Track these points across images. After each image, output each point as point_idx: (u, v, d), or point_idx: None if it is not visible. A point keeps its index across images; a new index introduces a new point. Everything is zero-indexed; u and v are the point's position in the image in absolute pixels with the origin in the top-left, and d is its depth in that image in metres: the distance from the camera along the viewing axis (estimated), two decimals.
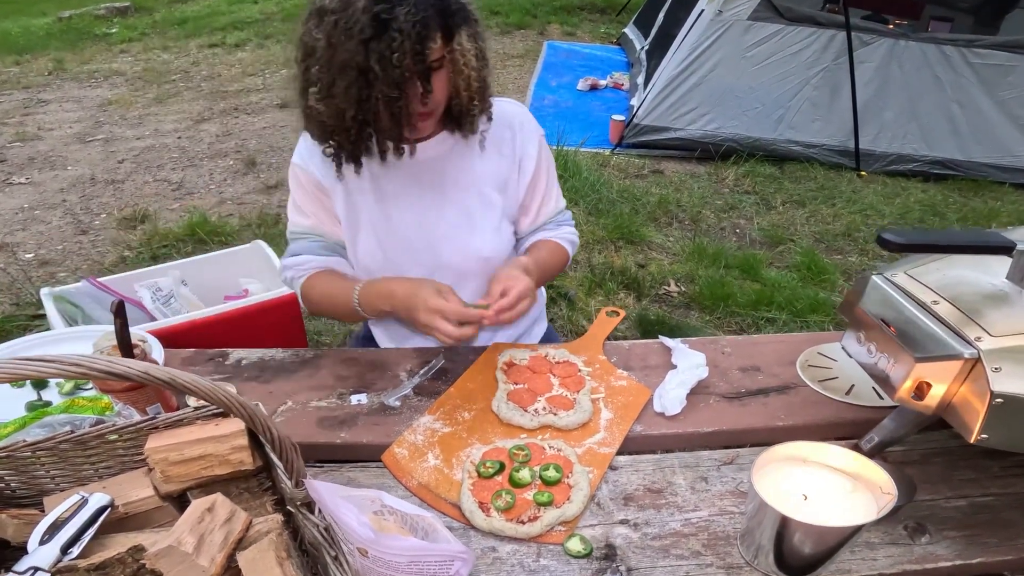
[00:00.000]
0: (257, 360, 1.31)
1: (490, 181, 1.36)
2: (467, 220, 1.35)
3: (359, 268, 1.39)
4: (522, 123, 1.38)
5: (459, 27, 1.15)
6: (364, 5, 1.07)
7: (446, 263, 1.36)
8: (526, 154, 1.38)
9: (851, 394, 1.23)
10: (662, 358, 1.34)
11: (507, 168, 1.37)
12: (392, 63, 1.09)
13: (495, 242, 1.38)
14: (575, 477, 1.05)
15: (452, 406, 1.20)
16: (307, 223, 1.36)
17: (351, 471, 1.08)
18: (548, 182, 1.44)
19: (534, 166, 1.39)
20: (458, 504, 1.02)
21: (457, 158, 1.34)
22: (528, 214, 1.44)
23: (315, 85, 1.15)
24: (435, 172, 1.33)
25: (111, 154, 4.64)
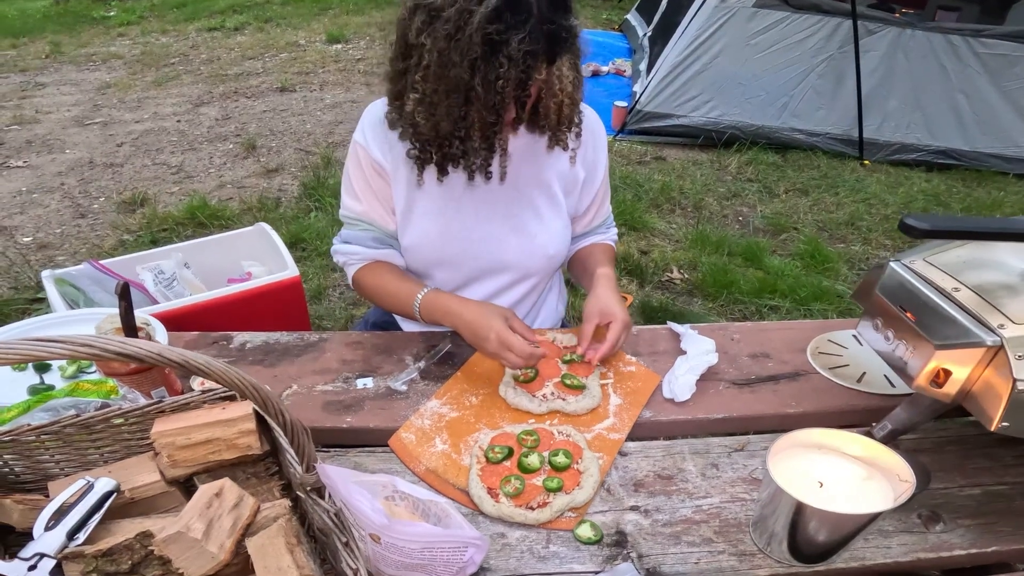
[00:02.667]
0: (261, 343, 1.29)
1: (559, 181, 1.35)
2: (535, 217, 1.34)
3: (407, 250, 1.33)
4: (598, 132, 1.39)
5: (563, 55, 1.12)
6: (479, 23, 1.02)
7: (509, 259, 1.34)
8: (599, 161, 1.39)
9: (862, 381, 1.22)
10: (671, 344, 1.33)
11: (578, 172, 1.36)
12: (496, 89, 1.07)
13: (560, 241, 1.37)
14: (585, 463, 1.04)
15: (459, 390, 1.19)
16: (359, 208, 1.32)
17: (358, 456, 1.07)
18: (606, 187, 1.45)
19: (603, 174, 1.41)
20: (466, 490, 1.00)
21: (531, 155, 1.31)
22: (587, 216, 1.45)
23: (416, 91, 1.12)
24: (509, 166, 1.28)
25: (109, 137, 4.60)
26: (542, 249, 1.35)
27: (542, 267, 1.38)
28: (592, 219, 1.46)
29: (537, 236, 1.34)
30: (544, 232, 1.34)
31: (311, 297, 2.82)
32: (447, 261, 1.33)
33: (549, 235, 1.35)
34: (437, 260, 1.33)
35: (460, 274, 1.35)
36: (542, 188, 1.34)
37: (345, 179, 1.32)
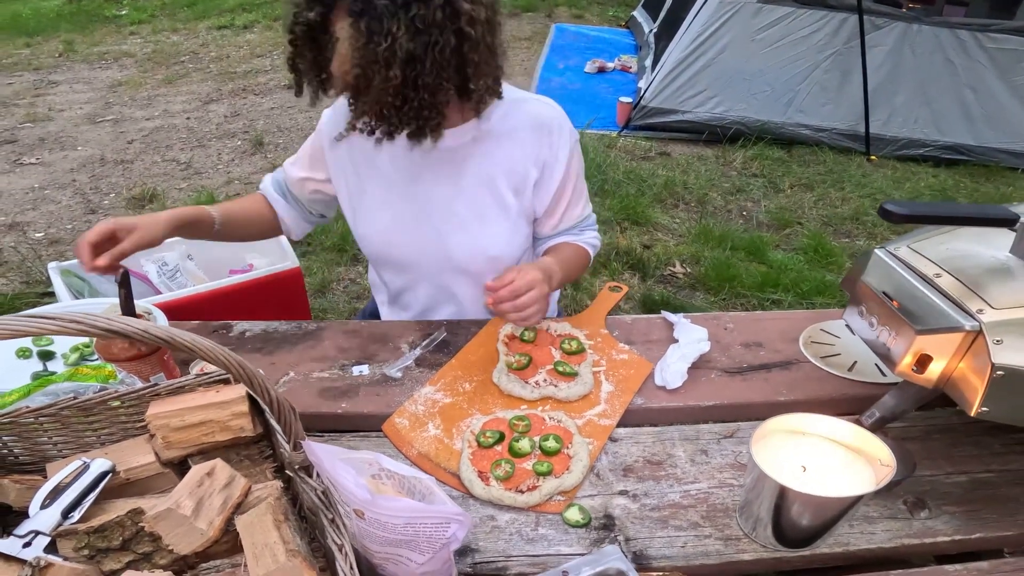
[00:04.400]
0: (260, 332, 1.31)
1: (506, 179, 1.31)
2: (478, 216, 1.32)
3: (361, 239, 1.39)
4: (558, 127, 1.31)
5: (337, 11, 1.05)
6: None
7: (453, 257, 1.35)
8: (556, 159, 1.31)
9: (853, 370, 1.23)
10: (664, 333, 1.34)
11: (528, 169, 1.31)
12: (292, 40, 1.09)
13: (505, 241, 1.34)
14: (575, 448, 1.05)
15: (453, 377, 1.21)
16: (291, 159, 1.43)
17: (352, 440, 1.09)
18: (577, 188, 1.39)
19: (563, 173, 1.33)
20: (457, 473, 1.02)
21: (477, 151, 1.29)
22: (552, 217, 1.40)
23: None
24: (453, 163, 1.29)
25: (120, 135, 4.65)
26: (483, 250, 1.33)
27: (485, 268, 1.35)
28: (559, 221, 1.41)
29: (479, 237, 1.33)
30: (486, 232, 1.33)
31: (315, 291, 2.85)
32: (395, 255, 1.37)
33: (491, 236, 1.33)
34: (386, 252, 1.38)
35: (410, 270, 1.39)
36: (487, 186, 1.31)
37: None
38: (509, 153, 1.29)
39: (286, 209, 1.44)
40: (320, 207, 1.47)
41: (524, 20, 7.60)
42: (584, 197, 1.43)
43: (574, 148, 1.34)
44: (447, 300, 1.44)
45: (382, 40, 1.00)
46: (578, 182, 1.39)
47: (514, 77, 6.05)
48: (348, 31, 1.01)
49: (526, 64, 6.25)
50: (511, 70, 5.44)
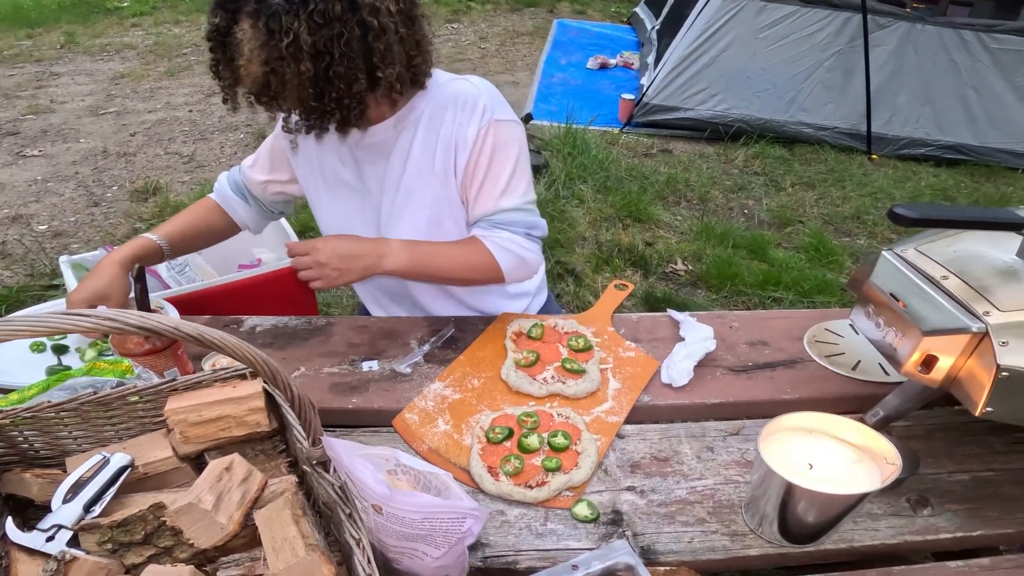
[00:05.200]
0: (271, 327, 1.32)
1: (431, 164, 1.28)
2: (412, 204, 1.31)
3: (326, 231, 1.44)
4: (472, 104, 1.24)
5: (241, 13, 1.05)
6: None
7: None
8: (463, 137, 1.24)
9: (857, 369, 1.24)
10: (670, 331, 1.36)
11: (448, 150, 1.26)
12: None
13: (440, 228, 1.32)
14: (583, 444, 1.07)
15: (462, 373, 1.22)
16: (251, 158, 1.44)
17: (362, 435, 1.10)
18: (488, 174, 1.27)
19: (468, 152, 1.25)
20: (467, 468, 1.04)
21: (404, 139, 1.28)
22: (466, 205, 1.33)
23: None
24: (384, 154, 1.29)
25: (123, 127, 4.65)
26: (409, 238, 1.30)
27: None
28: (473, 206, 1.31)
29: (416, 225, 1.32)
30: (420, 221, 1.31)
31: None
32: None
33: (426, 224, 1.32)
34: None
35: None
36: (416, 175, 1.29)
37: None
38: (431, 137, 1.26)
39: (246, 210, 1.46)
40: (280, 206, 1.50)
41: (526, 15, 7.59)
42: (501, 188, 1.28)
43: (490, 130, 1.24)
44: (404, 295, 1.45)
45: (283, 37, 1.03)
46: (491, 168, 1.26)
47: (516, 73, 6.04)
48: (249, 32, 1.04)
49: (528, 60, 6.25)
50: (512, 66, 5.42)
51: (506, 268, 1.30)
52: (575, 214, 3.41)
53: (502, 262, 1.29)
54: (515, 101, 5.10)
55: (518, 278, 1.36)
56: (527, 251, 1.32)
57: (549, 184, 3.57)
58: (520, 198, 1.30)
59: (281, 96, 1.11)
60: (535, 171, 3.55)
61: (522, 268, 1.33)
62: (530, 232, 1.33)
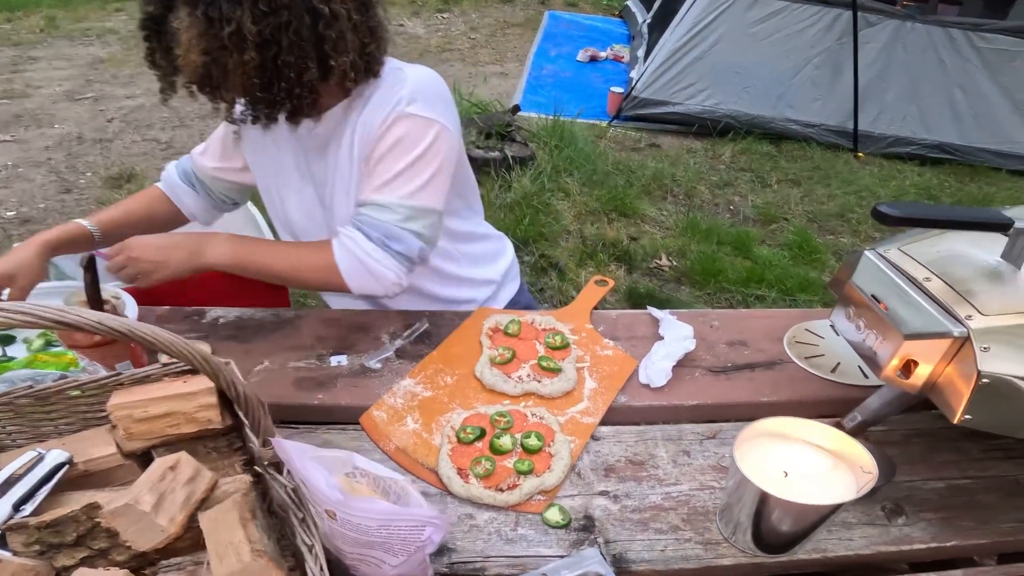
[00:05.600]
0: (235, 319, 1.28)
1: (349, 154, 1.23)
2: (333, 198, 1.28)
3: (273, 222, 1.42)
4: (389, 89, 1.17)
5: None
6: None
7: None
8: (370, 124, 1.17)
9: (837, 372, 1.22)
10: (649, 329, 1.33)
11: (355, 137, 1.21)
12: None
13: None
14: (556, 446, 1.04)
15: (434, 370, 1.18)
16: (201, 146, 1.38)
17: (327, 433, 1.06)
18: (380, 164, 1.17)
19: (369, 140, 1.18)
20: (436, 469, 1.00)
21: (348, 128, 1.21)
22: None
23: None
24: (329, 143, 1.24)
25: (100, 113, 4.55)
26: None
27: None
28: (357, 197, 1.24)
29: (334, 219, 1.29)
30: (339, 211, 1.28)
31: None
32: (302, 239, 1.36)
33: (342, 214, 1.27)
34: (296, 238, 1.37)
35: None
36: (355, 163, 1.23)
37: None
38: (367, 127, 1.19)
39: (195, 199, 1.40)
40: (234, 195, 1.45)
41: (517, 6, 7.54)
42: (386, 183, 1.16)
43: (397, 121, 1.15)
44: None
45: (224, 25, 0.98)
46: (386, 160, 1.16)
47: (505, 64, 6.00)
48: (187, 20, 0.99)
49: (518, 51, 6.20)
50: (502, 57, 5.38)
51: (345, 272, 1.17)
52: (560, 207, 3.37)
53: (341, 264, 1.17)
54: (504, 92, 5.05)
55: (370, 290, 1.20)
56: (375, 262, 1.16)
57: (535, 176, 3.53)
58: (401, 198, 1.16)
59: (224, 86, 1.06)
60: (520, 163, 3.51)
61: (369, 279, 1.18)
62: (387, 242, 1.16)
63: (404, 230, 1.17)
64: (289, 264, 1.20)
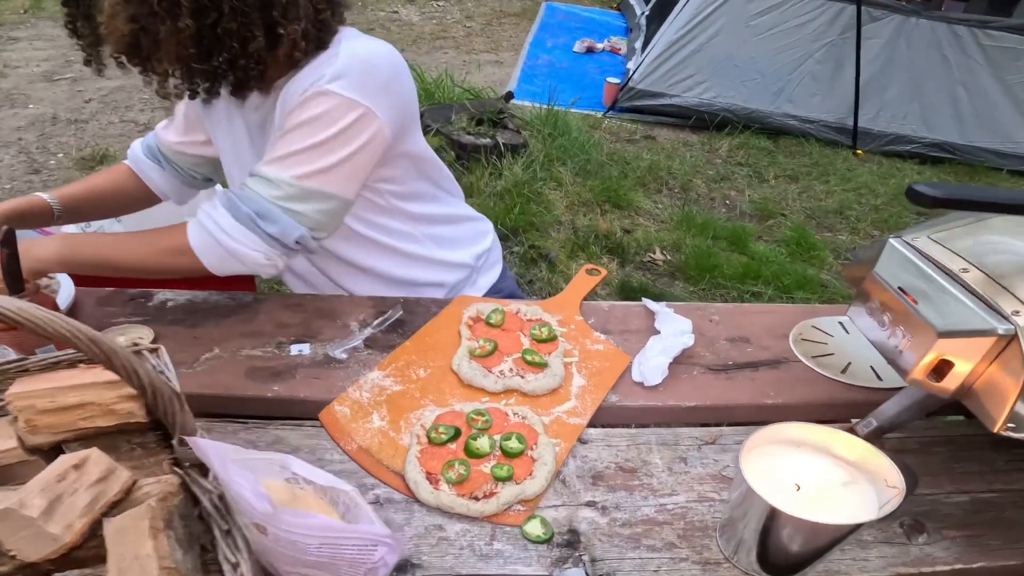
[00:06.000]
0: (185, 302, 1.16)
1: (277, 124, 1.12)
2: None
3: None
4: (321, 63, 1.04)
5: None
6: None
7: None
8: (292, 94, 1.04)
9: (847, 373, 1.11)
10: (644, 322, 1.22)
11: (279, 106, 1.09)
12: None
13: None
14: (539, 450, 0.92)
15: (406, 362, 1.07)
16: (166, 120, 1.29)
17: (280, 429, 0.94)
18: (283, 138, 1.04)
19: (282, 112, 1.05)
20: (402, 473, 0.89)
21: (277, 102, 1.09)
22: None
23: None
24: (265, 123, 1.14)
25: (78, 93, 4.41)
26: None
27: None
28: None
29: None
30: None
31: None
32: None
33: None
34: None
35: None
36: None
37: None
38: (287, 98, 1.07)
39: (162, 176, 1.30)
40: (203, 170, 1.33)
41: None
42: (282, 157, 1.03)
43: (315, 97, 1.01)
44: (315, 274, 1.30)
45: None
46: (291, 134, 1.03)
47: (500, 52, 5.89)
48: None
49: (513, 40, 6.09)
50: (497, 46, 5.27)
51: (199, 251, 1.04)
52: (552, 197, 3.26)
53: (194, 243, 1.04)
54: (498, 80, 4.93)
55: (235, 269, 1.06)
56: (232, 240, 1.03)
57: (527, 164, 3.41)
58: (294, 176, 1.02)
59: (155, 57, 0.95)
60: (512, 150, 3.40)
61: (229, 260, 1.05)
62: (256, 220, 1.02)
63: (282, 209, 1.04)
64: (133, 252, 1.06)
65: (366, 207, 1.20)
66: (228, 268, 1.07)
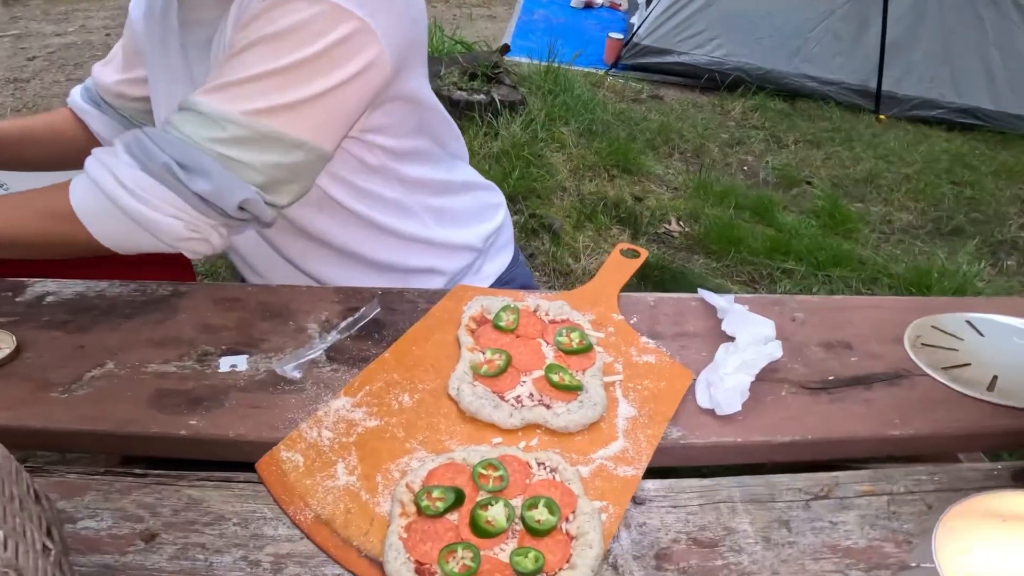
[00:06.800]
0: (73, 296, 0.83)
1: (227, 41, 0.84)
2: None
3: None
4: None
5: None
6: None
7: None
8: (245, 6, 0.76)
9: (996, 390, 0.81)
10: (706, 322, 0.91)
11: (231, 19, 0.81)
12: None
13: None
14: (579, 521, 0.62)
15: (386, 383, 0.75)
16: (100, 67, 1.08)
17: (197, 488, 0.63)
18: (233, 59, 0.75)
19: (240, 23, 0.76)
20: (380, 559, 0.58)
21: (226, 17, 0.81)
22: None
23: None
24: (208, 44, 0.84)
25: (21, 51, 4.02)
26: None
27: None
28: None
29: None
30: None
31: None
32: None
33: None
34: None
35: None
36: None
37: None
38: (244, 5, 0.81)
39: (101, 121, 1.09)
40: (147, 118, 1.06)
41: None
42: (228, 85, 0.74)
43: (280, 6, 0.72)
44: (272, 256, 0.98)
45: None
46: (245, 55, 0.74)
47: (493, 6, 5.52)
48: None
49: None
50: None
51: (83, 212, 0.75)
52: (554, 160, 2.92)
53: (76, 200, 0.75)
54: (491, 36, 4.56)
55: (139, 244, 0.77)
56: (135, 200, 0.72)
57: (526, 123, 3.06)
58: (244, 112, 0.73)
59: None
60: (509, 107, 3.05)
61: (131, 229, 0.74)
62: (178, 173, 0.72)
63: (219, 158, 0.73)
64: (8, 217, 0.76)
65: (348, 165, 0.88)
66: (132, 242, 0.77)
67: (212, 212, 0.75)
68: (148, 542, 0.58)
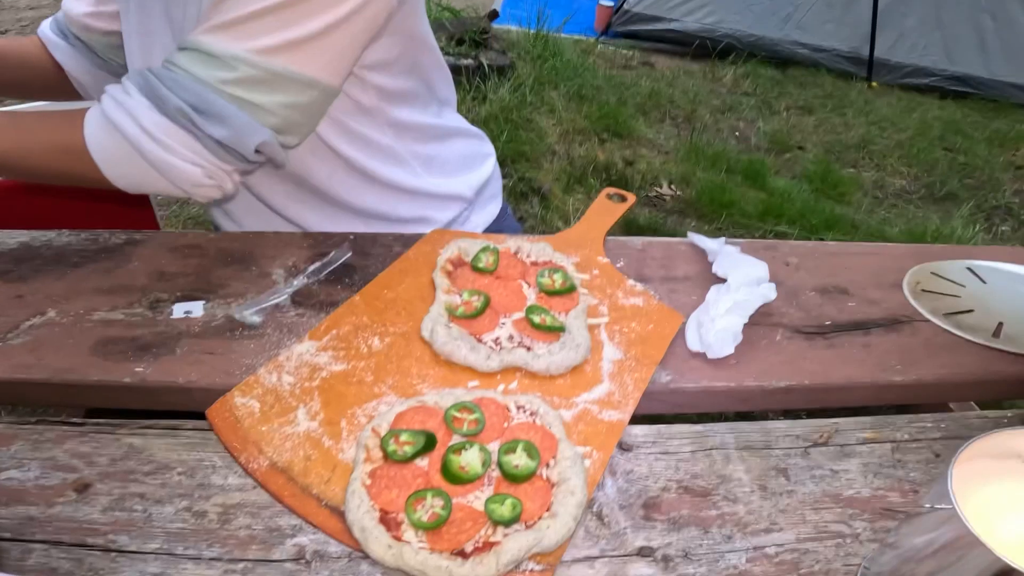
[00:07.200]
0: (18, 246, 0.77)
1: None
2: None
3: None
4: None
5: None
6: None
7: None
8: None
9: (1001, 336, 0.77)
10: (695, 266, 0.86)
11: None
12: None
13: None
14: (561, 466, 0.57)
15: (354, 326, 0.70)
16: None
17: (139, 436, 0.58)
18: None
19: None
20: (341, 509, 0.53)
21: None
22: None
23: None
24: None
25: None
26: None
27: None
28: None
29: None
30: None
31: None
32: None
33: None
34: None
35: None
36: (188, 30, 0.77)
37: None
38: None
39: (70, 56, 0.99)
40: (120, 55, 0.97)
41: None
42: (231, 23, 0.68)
43: None
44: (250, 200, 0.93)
45: None
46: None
47: None
48: None
49: None
50: None
51: (97, 151, 0.70)
52: (544, 124, 2.84)
53: (91, 138, 0.70)
54: (479, 3, 4.44)
55: (151, 186, 0.73)
56: (158, 146, 0.68)
57: (515, 87, 2.98)
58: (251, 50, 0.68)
59: None
60: (498, 72, 2.97)
61: (145, 172, 0.70)
62: (194, 117, 0.68)
63: (233, 100, 0.69)
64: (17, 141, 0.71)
65: (342, 104, 0.82)
66: (146, 185, 0.72)
67: (229, 157, 0.71)
68: (80, 492, 0.53)
